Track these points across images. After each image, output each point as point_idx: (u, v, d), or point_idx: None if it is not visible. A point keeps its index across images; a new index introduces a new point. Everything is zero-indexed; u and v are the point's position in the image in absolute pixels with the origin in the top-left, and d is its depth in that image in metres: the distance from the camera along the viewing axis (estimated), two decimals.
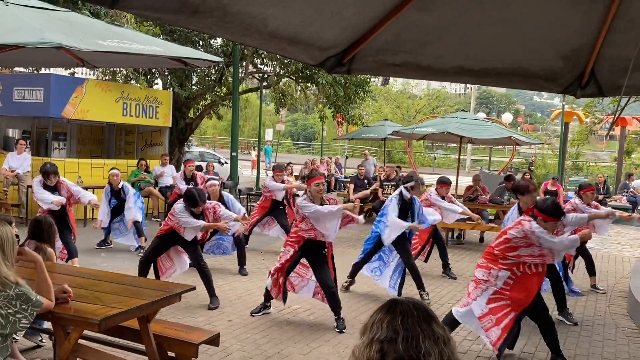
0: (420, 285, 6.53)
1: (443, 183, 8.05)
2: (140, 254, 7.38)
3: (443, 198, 7.88)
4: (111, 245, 8.76)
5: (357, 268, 6.82)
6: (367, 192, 12.47)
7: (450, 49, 2.60)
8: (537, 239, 4.44)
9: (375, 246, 6.64)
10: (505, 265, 4.57)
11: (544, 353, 5.03)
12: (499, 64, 2.75)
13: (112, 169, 8.76)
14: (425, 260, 7.96)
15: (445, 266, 7.99)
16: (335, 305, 5.51)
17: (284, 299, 5.67)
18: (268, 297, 5.79)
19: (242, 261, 7.62)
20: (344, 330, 5.40)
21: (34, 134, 11.80)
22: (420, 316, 1.54)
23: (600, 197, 15.50)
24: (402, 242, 6.49)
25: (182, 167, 10.80)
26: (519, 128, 54.57)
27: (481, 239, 11.24)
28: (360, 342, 1.57)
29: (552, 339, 4.80)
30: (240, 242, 7.60)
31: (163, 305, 3.67)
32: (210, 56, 4.62)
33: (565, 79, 2.82)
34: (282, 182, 8.69)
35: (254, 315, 5.73)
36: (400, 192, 6.60)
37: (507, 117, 30.22)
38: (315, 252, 5.56)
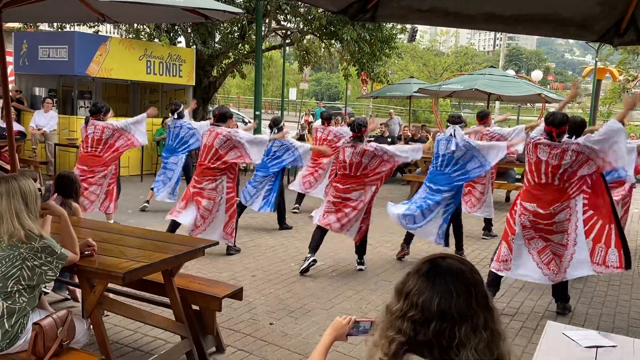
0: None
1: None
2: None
3: None
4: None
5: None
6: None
7: None
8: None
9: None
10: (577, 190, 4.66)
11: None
12: (531, 9, 2.60)
13: None
14: None
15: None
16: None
17: None
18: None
19: (281, 220, 7.84)
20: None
21: (60, 93, 11.88)
22: (465, 280, 1.45)
23: None
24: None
25: None
26: (549, 86, 53.15)
27: (507, 199, 11.09)
28: (398, 303, 1.48)
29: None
30: (280, 204, 7.76)
31: (187, 259, 3.69)
32: (230, 7, 4.50)
33: (601, 26, 2.66)
34: None
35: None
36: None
37: (536, 74, 29.40)
38: None
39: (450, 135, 6.15)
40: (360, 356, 3.84)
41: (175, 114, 8.46)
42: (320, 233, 5.87)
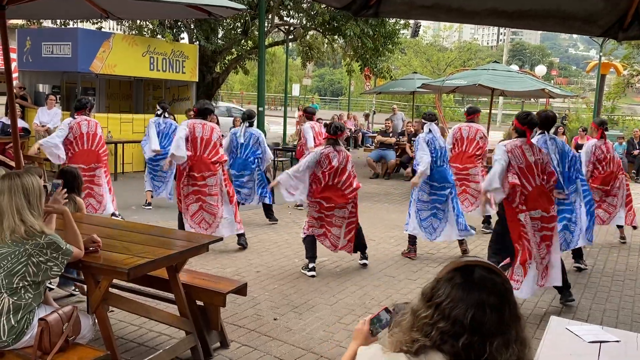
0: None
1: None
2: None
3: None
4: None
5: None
6: None
7: None
8: None
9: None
10: None
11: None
12: (535, 5, 2.60)
13: None
14: None
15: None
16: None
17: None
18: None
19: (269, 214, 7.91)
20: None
21: (64, 89, 11.90)
22: (498, 292, 1.42)
23: (636, 152, 15.05)
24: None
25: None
26: (552, 81, 52.95)
27: None
28: (427, 310, 1.45)
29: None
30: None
31: (191, 255, 3.71)
32: (233, 3, 4.50)
33: (605, 20, 2.65)
34: None
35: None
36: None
37: (540, 69, 29.30)
38: None
39: (430, 131, 6.40)
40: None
41: (166, 112, 8.70)
42: (311, 241, 5.76)
